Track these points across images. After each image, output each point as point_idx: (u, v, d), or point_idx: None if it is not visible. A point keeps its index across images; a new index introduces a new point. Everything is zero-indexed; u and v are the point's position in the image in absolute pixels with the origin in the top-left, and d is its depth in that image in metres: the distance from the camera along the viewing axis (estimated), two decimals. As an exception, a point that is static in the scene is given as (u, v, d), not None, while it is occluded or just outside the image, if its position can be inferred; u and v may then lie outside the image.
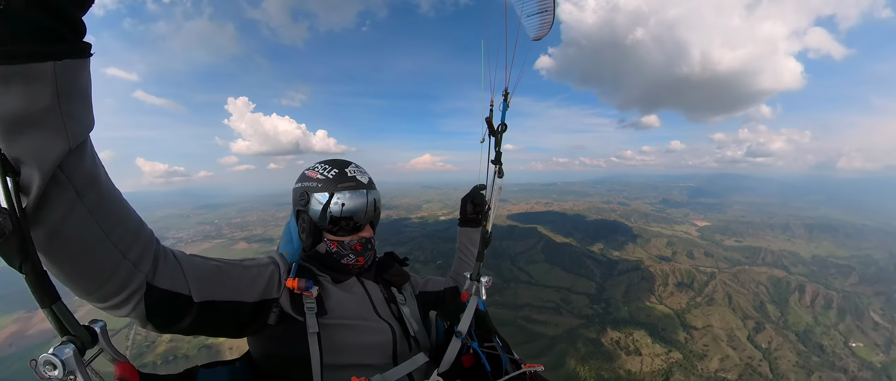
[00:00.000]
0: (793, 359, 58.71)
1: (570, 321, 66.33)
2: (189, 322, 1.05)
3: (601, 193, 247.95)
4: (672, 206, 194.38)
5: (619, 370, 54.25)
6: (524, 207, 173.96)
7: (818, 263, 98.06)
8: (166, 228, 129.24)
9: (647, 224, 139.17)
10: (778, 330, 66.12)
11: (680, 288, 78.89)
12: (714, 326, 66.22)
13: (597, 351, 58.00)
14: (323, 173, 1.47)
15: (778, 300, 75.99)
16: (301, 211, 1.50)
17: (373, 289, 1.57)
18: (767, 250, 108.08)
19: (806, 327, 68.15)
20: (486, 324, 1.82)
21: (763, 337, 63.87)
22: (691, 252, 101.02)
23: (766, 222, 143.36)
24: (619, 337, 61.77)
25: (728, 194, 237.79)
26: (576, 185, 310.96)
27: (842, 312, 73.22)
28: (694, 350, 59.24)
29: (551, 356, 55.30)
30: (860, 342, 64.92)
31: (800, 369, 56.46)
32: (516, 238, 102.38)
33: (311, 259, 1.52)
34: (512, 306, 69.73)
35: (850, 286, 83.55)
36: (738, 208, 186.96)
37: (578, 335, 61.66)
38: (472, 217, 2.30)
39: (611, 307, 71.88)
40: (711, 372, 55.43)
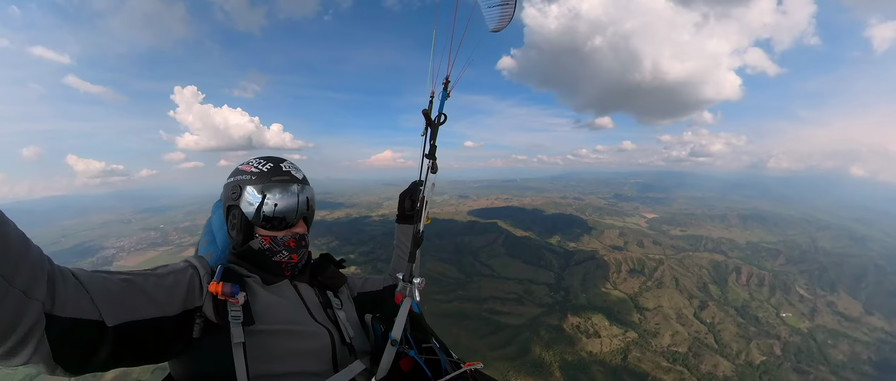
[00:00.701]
0: (734, 330, 64.73)
1: (533, 310, 68.52)
2: (106, 354, 0.86)
3: (558, 188, 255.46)
4: (623, 200, 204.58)
5: (581, 352, 56.80)
6: (485, 202, 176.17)
7: (751, 247, 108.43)
8: (105, 236, 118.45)
9: (600, 217, 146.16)
10: (719, 307, 72.49)
11: (632, 274, 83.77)
12: (664, 306, 71.25)
13: (559, 337, 60.30)
14: (257, 167, 1.43)
15: (718, 281, 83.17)
16: (232, 206, 1.44)
17: (307, 292, 1.50)
18: (708, 237, 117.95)
19: (743, 302, 75.34)
20: (422, 326, 1.80)
21: (707, 313, 69.74)
22: (641, 242, 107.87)
23: (706, 214, 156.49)
24: (579, 322, 64.65)
25: (673, 189, 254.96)
26: (534, 181, 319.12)
27: (772, 288, 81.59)
28: (648, 329, 63.45)
29: (517, 345, 57.27)
30: (789, 312, 72.77)
31: (740, 338, 62.34)
32: (477, 233, 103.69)
33: (241, 258, 1.44)
34: (476, 300, 70.77)
35: (778, 266, 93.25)
36: (682, 201, 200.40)
37: (541, 322, 63.85)
38: (410, 214, 2.24)
39: (570, 295, 75.00)
40: (664, 347, 59.29)
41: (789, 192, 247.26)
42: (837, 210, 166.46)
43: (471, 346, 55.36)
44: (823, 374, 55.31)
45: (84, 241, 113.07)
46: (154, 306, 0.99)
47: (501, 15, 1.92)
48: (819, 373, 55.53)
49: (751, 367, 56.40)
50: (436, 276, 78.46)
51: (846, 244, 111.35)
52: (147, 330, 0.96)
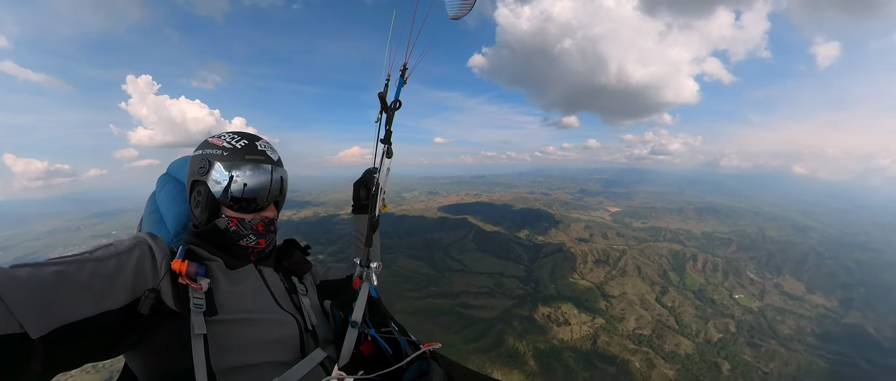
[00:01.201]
0: (692, 312, 68.76)
1: (504, 302, 69.79)
2: (41, 367, 0.72)
3: (526, 184, 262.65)
4: (589, 195, 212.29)
5: (553, 340, 58.46)
6: (455, 198, 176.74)
7: (706, 237, 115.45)
8: (50, 247, 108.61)
9: (567, 211, 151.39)
10: (679, 291, 76.77)
11: (598, 264, 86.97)
12: (628, 293, 74.61)
13: (531, 326, 61.83)
14: (230, 142, 1.32)
15: (677, 268, 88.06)
16: (198, 181, 1.32)
17: (272, 278, 1.43)
18: (667, 229, 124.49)
19: (700, 287, 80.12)
20: (381, 310, 1.76)
21: (668, 298, 73.64)
22: (606, 234, 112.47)
23: (665, 207, 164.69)
24: (550, 312, 66.47)
25: (635, 185, 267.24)
26: (503, 177, 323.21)
27: (726, 273, 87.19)
28: (614, 315, 66.07)
29: (491, 337, 58.14)
30: (741, 294, 77.98)
31: (699, 319, 66.31)
32: (448, 229, 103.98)
33: (202, 238, 1.32)
34: (449, 295, 71.26)
35: (730, 254, 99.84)
36: (643, 196, 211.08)
37: (513, 314, 65.20)
38: (366, 203, 2.20)
39: (539, 286, 76.79)
40: (630, 331, 61.86)
41: (740, 187, 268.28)
42: (782, 203, 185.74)
43: (446, 341, 54.07)
44: (773, 347, 59.95)
45: (25, 253, 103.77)
46: (92, 300, 0.83)
47: (462, 2, 1.91)
48: (769, 346, 60.15)
49: (709, 344, 60.29)
50: (407, 273, 77.95)
51: (790, 233, 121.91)
52: (87, 331, 0.81)
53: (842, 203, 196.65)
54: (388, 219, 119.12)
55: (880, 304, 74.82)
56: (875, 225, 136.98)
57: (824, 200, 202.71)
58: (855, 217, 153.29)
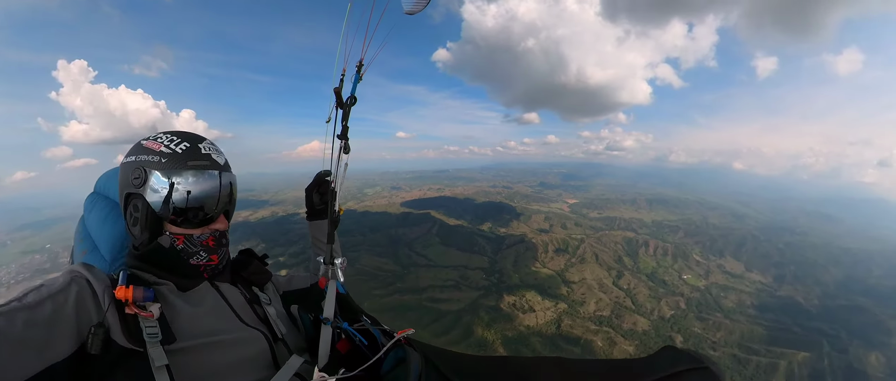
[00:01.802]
0: (646, 293, 73.12)
1: (470, 294, 70.74)
2: None
3: (488, 178, 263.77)
4: (548, 188, 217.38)
5: (520, 327, 60.28)
6: (417, 193, 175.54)
7: (656, 225, 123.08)
8: None
9: (528, 204, 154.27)
10: (633, 275, 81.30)
11: (558, 253, 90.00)
12: (587, 278, 78.06)
13: (498, 316, 63.34)
14: (169, 146, 1.15)
15: (631, 254, 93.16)
16: (133, 194, 1.14)
17: (231, 293, 1.29)
18: (621, 218, 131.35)
19: (652, 270, 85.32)
20: (351, 306, 1.73)
21: (624, 281, 77.84)
22: (565, 224, 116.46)
23: (619, 199, 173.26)
24: (515, 300, 68.26)
25: (592, 178, 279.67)
26: (465, 171, 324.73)
27: (675, 256, 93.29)
28: (575, 299, 68.85)
29: (460, 329, 59.04)
30: (689, 274, 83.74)
31: (652, 298, 70.67)
32: (411, 224, 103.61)
33: (146, 261, 1.16)
34: (415, 290, 71.40)
35: (678, 239, 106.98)
36: (599, 188, 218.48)
37: (480, 305, 66.34)
38: (320, 208, 2.11)
39: (504, 277, 78.60)
40: (591, 313, 64.68)
41: (686, 180, 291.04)
42: (723, 195, 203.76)
43: (415, 336, 55.55)
44: (719, 319, 65.17)
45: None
46: (35, 355, 0.72)
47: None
48: (716, 319, 65.31)
49: (663, 321, 64.55)
50: (372, 271, 77.17)
51: (730, 220, 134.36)
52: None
53: (774, 195, 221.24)
54: (351, 216, 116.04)
55: (807, 278, 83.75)
56: (802, 213, 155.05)
57: (759, 192, 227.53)
58: (785, 206, 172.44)
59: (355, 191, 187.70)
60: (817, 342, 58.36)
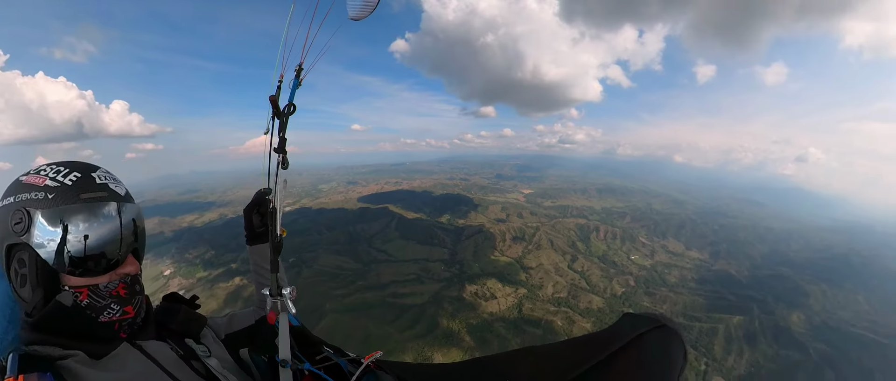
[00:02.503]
0: (599, 274, 77.64)
1: (433, 286, 71.32)
2: None
3: (445, 170, 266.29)
4: (504, 179, 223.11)
5: (483, 314, 61.80)
6: (374, 187, 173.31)
7: (606, 212, 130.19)
8: None
9: (485, 195, 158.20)
10: (586, 258, 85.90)
11: (515, 241, 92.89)
12: (544, 264, 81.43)
13: (462, 306, 64.40)
14: (55, 178, 0.93)
15: (583, 239, 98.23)
16: (16, 246, 0.91)
17: (159, 351, 1.04)
18: (573, 206, 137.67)
19: (603, 252, 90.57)
20: (309, 337, 1.55)
21: (578, 264, 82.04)
22: (521, 213, 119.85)
23: (571, 188, 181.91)
24: (477, 289, 69.70)
25: (546, 169, 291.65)
26: (422, 164, 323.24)
27: (623, 240, 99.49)
28: (534, 284, 71.63)
29: (425, 322, 59.40)
30: (636, 255, 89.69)
31: (605, 279, 75.20)
32: (369, 220, 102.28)
33: (44, 330, 0.89)
34: (377, 287, 70.75)
35: (626, 224, 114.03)
36: (553, 179, 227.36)
37: (443, 296, 67.08)
38: (261, 231, 1.92)
39: (464, 267, 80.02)
40: (549, 296, 67.53)
41: (632, 171, 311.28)
42: (665, 184, 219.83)
43: (382, 333, 55.67)
44: (665, 293, 70.71)
45: None
46: None
47: (364, 3, 1.82)
48: (662, 293, 70.80)
49: (616, 298, 69.01)
50: (332, 270, 75.65)
51: (671, 206, 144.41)
52: None
53: (709, 184, 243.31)
54: (306, 214, 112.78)
55: (738, 254, 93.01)
56: (732, 199, 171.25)
57: (696, 181, 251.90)
58: (718, 194, 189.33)
59: (310, 187, 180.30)
60: (749, 307, 65.30)
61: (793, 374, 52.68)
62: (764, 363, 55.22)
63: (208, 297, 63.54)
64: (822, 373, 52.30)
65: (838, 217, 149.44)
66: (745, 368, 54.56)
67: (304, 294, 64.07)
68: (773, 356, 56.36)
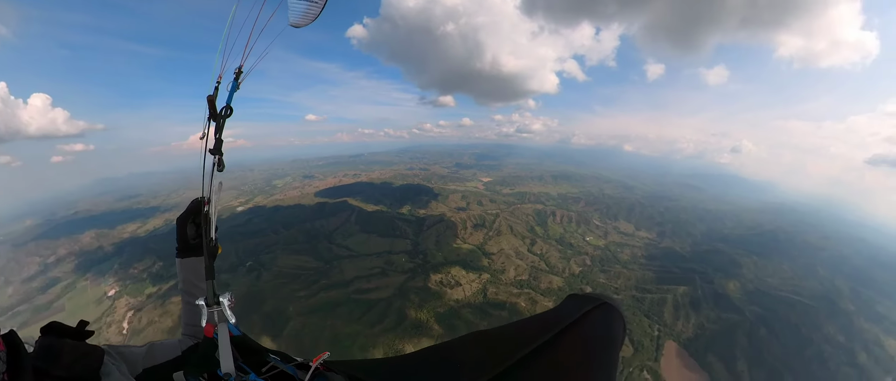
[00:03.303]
0: (557, 255, 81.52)
1: (397, 279, 71.58)
2: None
3: (405, 161, 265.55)
4: (463, 168, 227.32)
5: (450, 302, 63.35)
6: (332, 181, 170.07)
7: (562, 197, 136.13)
8: None
9: (444, 184, 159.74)
10: (544, 241, 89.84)
11: (476, 228, 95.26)
12: (505, 248, 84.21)
13: (428, 295, 65.52)
14: None
15: (541, 223, 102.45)
16: None
17: None
18: (531, 193, 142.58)
19: (560, 235, 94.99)
20: (251, 346, 1.49)
21: (537, 247, 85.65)
22: (480, 201, 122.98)
23: (529, 175, 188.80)
24: (441, 278, 71.02)
25: (504, 157, 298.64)
26: (381, 154, 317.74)
27: (578, 222, 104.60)
28: (496, 269, 73.97)
29: (393, 315, 59.83)
30: (591, 236, 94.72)
31: (563, 259, 79.11)
32: (328, 215, 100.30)
33: None
34: (341, 284, 69.82)
35: (581, 208, 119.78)
36: (510, 167, 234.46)
37: (408, 288, 67.73)
38: (195, 243, 1.78)
39: (428, 257, 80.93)
40: (512, 279, 70.04)
41: (586, 159, 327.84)
42: (616, 171, 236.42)
43: (350, 331, 55.51)
44: (618, 270, 75.66)
45: None
46: None
47: (306, 12, 1.81)
48: (616, 270, 75.67)
49: (574, 277, 73.04)
50: (293, 271, 73.81)
51: (621, 191, 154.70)
52: None
53: (655, 171, 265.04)
54: (260, 212, 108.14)
55: (681, 233, 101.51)
56: (676, 185, 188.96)
57: (644, 168, 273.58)
58: (663, 180, 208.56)
59: (263, 183, 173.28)
60: (692, 278, 71.70)
61: (732, 333, 58.74)
62: (708, 325, 61.28)
63: (161, 315, 59.86)
64: (756, 330, 59.02)
65: (766, 200, 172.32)
66: (692, 331, 60.35)
67: (266, 299, 62.78)
68: (715, 319, 62.85)
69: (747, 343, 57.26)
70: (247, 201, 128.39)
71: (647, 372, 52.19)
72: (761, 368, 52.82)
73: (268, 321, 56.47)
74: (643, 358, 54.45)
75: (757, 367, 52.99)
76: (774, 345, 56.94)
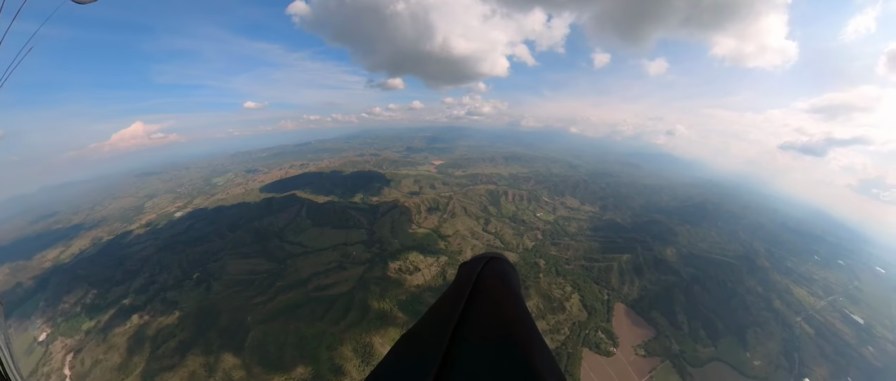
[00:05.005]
0: (511, 232, 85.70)
1: (356, 271, 71.45)
2: None
3: (355, 147, 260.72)
4: (415, 152, 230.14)
5: (411, 288, 64.96)
6: (278, 174, 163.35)
7: (513, 177, 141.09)
8: None
9: (396, 169, 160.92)
10: (498, 219, 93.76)
11: (431, 212, 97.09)
12: (460, 230, 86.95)
13: (388, 284, 66.36)
14: None
15: (494, 203, 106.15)
16: None
17: None
18: (483, 174, 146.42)
19: (513, 213, 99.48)
20: None
21: (491, 227, 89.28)
22: (433, 184, 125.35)
23: (480, 157, 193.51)
24: (400, 265, 72.21)
25: (455, 140, 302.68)
26: (330, 142, 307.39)
27: (529, 200, 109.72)
28: (453, 251, 76.67)
29: (356, 309, 60.02)
30: (541, 212, 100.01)
31: (516, 236, 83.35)
32: (276, 211, 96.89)
33: None
34: (298, 284, 68.38)
35: (531, 187, 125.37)
36: (462, 149, 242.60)
37: (368, 279, 68.01)
38: None
39: (384, 245, 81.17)
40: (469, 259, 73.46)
41: (534, 141, 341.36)
42: (562, 151, 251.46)
43: (315, 332, 55.00)
44: (567, 242, 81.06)
45: None
46: None
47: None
48: (565, 242, 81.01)
49: (528, 251, 77.52)
50: (245, 277, 70.69)
51: (567, 170, 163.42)
52: None
53: (598, 151, 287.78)
54: (201, 216, 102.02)
55: (622, 206, 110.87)
56: (617, 163, 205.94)
57: (588, 149, 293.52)
58: (605, 159, 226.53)
59: (202, 183, 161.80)
60: (633, 247, 78.96)
61: (671, 292, 66.62)
62: (650, 287, 68.91)
63: (107, 351, 54.54)
64: (691, 288, 67.40)
65: (696, 176, 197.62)
66: (637, 292, 67.62)
67: (220, 312, 60.19)
68: (656, 281, 70.55)
69: (685, 299, 64.96)
70: (185, 205, 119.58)
71: (602, 332, 57.80)
72: (698, 319, 60.67)
73: (226, 337, 54.19)
74: (597, 320, 60.04)
75: (694, 318, 60.80)
76: (707, 299, 65.42)
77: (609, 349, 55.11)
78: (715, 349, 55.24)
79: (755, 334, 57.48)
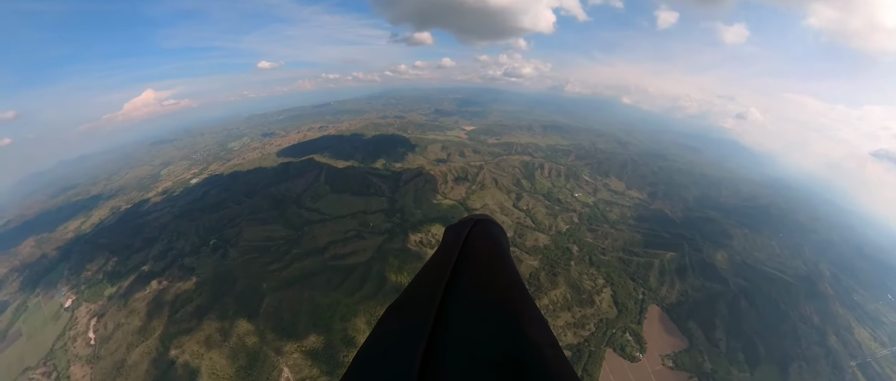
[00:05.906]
0: (544, 211, 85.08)
1: (374, 241, 73.68)
2: None
3: (377, 108, 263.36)
4: (444, 115, 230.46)
5: (429, 263, 66.08)
6: (296, 137, 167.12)
7: (550, 149, 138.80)
8: None
9: (423, 133, 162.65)
10: (531, 195, 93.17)
11: (458, 182, 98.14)
12: (489, 203, 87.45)
13: (407, 256, 68.10)
14: None
15: (528, 176, 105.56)
16: None
17: None
18: (518, 143, 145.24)
19: (548, 190, 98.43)
20: None
21: (523, 203, 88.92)
22: (462, 152, 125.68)
23: (516, 125, 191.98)
24: (421, 237, 73.90)
25: (489, 104, 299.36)
26: (350, 102, 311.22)
27: (567, 177, 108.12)
28: (479, 227, 77.26)
29: (372, 281, 62.28)
30: (580, 192, 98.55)
31: (549, 216, 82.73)
32: (294, 176, 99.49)
33: None
34: (315, 252, 71.01)
35: (570, 162, 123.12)
36: (496, 114, 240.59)
37: (386, 250, 70.14)
38: None
39: (406, 215, 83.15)
40: (494, 238, 73.65)
41: (579, 109, 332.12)
42: (610, 124, 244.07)
43: (329, 301, 57.62)
44: (606, 229, 79.88)
45: None
46: None
47: None
48: (603, 229, 79.85)
49: (560, 234, 76.90)
50: (261, 243, 74.10)
51: (614, 146, 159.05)
52: None
53: (653, 127, 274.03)
54: (217, 182, 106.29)
55: (674, 195, 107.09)
56: (673, 145, 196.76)
57: (641, 124, 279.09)
58: (661, 138, 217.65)
59: (217, 148, 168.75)
60: (680, 245, 76.91)
61: (715, 302, 64.66)
62: (691, 293, 67.25)
63: (127, 315, 59.66)
64: (738, 302, 65.15)
65: (765, 172, 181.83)
66: (676, 297, 66.17)
67: (236, 278, 63.95)
68: (699, 287, 68.71)
69: (728, 313, 63.08)
70: (201, 172, 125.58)
71: (630, 334, 57.70)
72: (738, 338, 58.75)
73: (242, 302, 57.77)
74: (627, 320, 59.83)
75: (734, 337, 58.92)
76: (753, 318, 63.09)
77: (635, 353, 55.03)
78: (750, 377, 53.53)
79: (799, 369, 54.82)
